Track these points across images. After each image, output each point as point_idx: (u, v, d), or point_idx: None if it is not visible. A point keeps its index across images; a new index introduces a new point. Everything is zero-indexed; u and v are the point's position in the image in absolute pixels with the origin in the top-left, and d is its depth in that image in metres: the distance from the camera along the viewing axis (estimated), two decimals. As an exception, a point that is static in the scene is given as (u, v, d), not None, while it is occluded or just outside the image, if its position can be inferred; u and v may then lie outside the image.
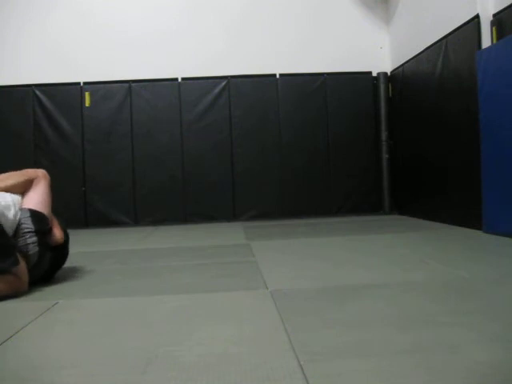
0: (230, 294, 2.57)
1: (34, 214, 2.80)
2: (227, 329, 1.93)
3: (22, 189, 2.92)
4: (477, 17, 4.71)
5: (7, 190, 2.86)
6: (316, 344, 1.70)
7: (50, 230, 2.88)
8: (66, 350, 1.78)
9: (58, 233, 2.93)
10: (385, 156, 7.08)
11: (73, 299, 2.56)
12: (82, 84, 6.98)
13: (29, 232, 2.73)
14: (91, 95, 6.96)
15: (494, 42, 4.48)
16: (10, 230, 2.67)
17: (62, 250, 3.02)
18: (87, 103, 6.96)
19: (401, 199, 6.93)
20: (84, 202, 6.90)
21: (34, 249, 2.72)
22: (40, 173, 3.02)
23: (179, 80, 7.06)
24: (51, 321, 2.17)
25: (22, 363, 1.65)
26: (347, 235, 4.93)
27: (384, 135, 7.10)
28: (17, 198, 2.85)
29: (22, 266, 2.62)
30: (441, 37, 5.43)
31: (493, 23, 4.56)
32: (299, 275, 2.99)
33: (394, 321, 1.94)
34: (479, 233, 4.46)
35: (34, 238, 2.73)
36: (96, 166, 6.94)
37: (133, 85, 7.01)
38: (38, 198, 2.89)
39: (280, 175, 7.04)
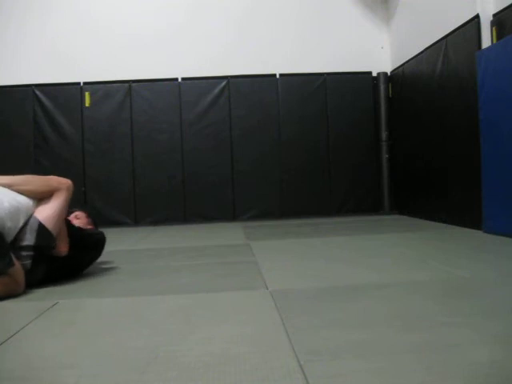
0: (230, 293, 2.56)
1: (41, 229, 2.72)
2: (227, 329, 1.92)
3: (40, 196, 2.84)
4: (477, 17, 4.71)
5: (24, 193, 2.79)
6: (316, 344, 1.70)
7: (52, 248, 2.80)
8: (65, 350, 1.78)
9: (63, 246, 2.86)
10: (385, 156, 7.09)
11: (73, 299, 2.55)
12: (81, 84, 6.98)
13: (27, 245, 2.67)
14: (91, 95, 6.96)
15: (494, 41, 4.48)
16: (13, 232, 2.64)
17: (71, 258, 2.95)
18: (87, 103, 6.96)
19: (401, 199, 6.93)
20: (84, 202, 6.89)
21: (26, 259, 2.67)
22: (64, 185, 2.93)
23: (179, 80, 7.06)
24: (51, 321, 2.16)
25: (22, 363, 1.65)
26: (347, 235, 4.93)
27: (384, 135, 7.10)
28: (29, 203, 2.77)
29: (18, 268, 2.59)
30: (441, 37, 5.43)
31: (493, 23, 4.56)
32: (299, 275, 2.98)
33: (394, 321, 1.94)
34: (479, 233, 4.46)
35: (31, 252, 2.68)
36: (96, 166, 6.94)
37: (133, 85, 7.01)
38: (51, 211, 2.79)
39: (280, 175, 7.04)
